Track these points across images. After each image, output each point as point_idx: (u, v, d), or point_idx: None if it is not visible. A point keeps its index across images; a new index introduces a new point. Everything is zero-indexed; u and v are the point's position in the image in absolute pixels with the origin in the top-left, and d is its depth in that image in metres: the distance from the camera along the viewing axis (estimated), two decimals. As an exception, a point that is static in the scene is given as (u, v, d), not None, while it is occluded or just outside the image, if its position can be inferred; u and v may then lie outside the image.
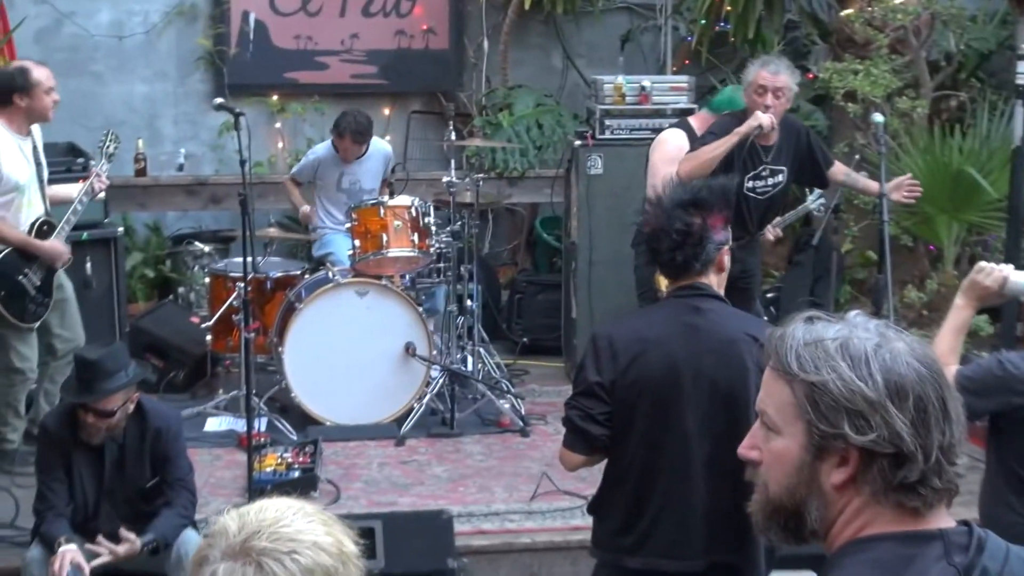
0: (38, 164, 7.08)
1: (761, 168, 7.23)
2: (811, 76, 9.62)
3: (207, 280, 8.59)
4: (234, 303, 7.90)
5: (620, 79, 8.95)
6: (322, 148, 9.10)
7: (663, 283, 4.44)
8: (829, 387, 1.98)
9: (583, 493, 6.35)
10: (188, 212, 10.15)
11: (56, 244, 6.99)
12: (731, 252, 4.20)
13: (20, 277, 6.91)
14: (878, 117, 7.44)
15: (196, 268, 9.49)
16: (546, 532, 6.53)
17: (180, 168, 9.93)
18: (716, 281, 4.17)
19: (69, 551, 5.44)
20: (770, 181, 7.26)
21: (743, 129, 6.91)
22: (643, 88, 8.86)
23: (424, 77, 10.46)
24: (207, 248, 9.42)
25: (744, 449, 2.15)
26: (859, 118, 8.87)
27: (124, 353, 5.77)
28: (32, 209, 6.99)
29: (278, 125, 10.25)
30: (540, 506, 6.77)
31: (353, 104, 9.29)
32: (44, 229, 6.99)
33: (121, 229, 8.51)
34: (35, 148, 7.05)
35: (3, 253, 6.91)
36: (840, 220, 9.13)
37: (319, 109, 10.12)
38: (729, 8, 9.77)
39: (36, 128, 7.12)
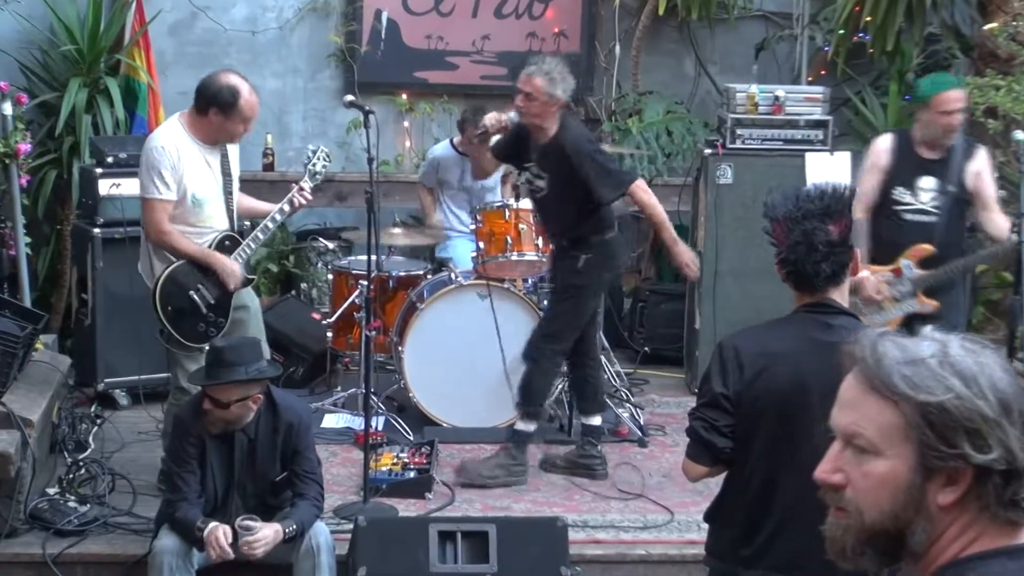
0: (226, 175, 6.63)
1: (530, 166, 7.10)
2: (951, 90, 9.38)
3: (330, 277, 8.61)
4: (356, 301, 7.90)
5: (753, 88, 8.80)
6: (440, 148, 9.10)
7: None
8: (947, 406, 1.92)
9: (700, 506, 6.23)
10: (313, 208, 10.14)
11: (231, 263, 6.56)
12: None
13: (191, 292, 6.48)
14: (1019, 135, 7.23)
15: (319, 265, 9.52)
16: (661, 544, 6.45)
17: (307, 164, 9.97)
18: (841, 293, 4.06)
19: (221, 526, 5.49)
20: (537, 183, 7.09)
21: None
22: (777, 98, 8.71)
23: (554, 80, 10.38)
24: (331, 245, 9.45)
25: (824, 473, 2.10)
26: (999, 135, 8.64)
27: (252, 350, 5.74)
28: (215, 222, 6.58)
29: (406, 124, 10.25)
30: (655, 518, 6.69)
31: (482, 104, 9.24)
32: (227, 244, 6.59)
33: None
34: (224, 158, 6.62)
35: (175, 266, 6.47)
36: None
37: (448, 109, 10.11)
38: (869, 19, 9.57)
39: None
